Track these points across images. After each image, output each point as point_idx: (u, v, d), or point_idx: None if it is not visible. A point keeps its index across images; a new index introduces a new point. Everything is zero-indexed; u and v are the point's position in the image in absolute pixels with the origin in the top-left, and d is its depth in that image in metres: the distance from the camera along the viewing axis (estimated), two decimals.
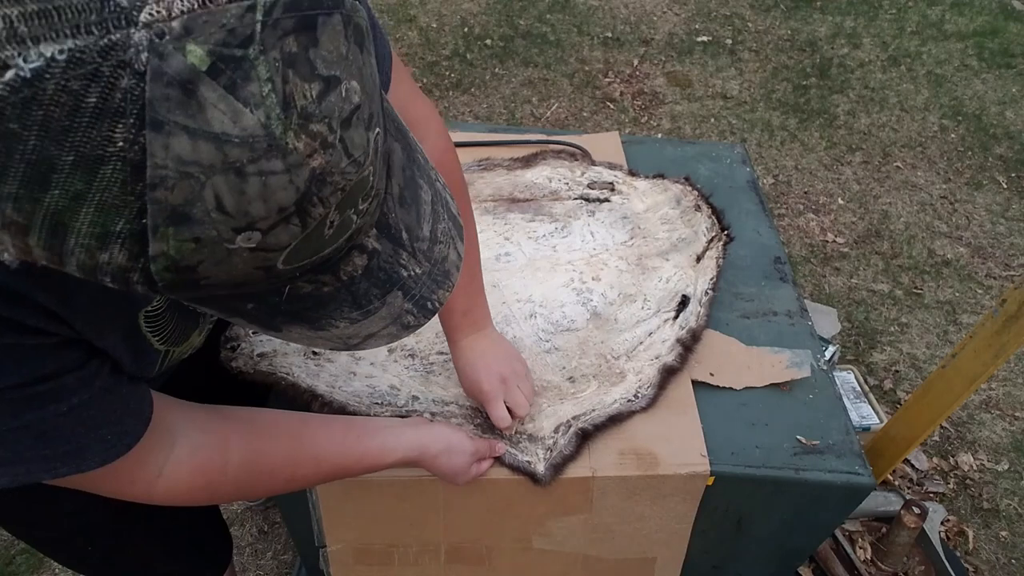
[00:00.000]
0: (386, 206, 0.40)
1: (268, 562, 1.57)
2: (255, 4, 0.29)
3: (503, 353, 0.88)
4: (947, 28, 3.10)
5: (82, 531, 0.82)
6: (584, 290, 1.04)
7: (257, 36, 0.29)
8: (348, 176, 0.34)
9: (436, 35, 3.01)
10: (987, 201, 2.40)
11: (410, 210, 0.42)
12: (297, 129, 0.31)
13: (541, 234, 1.13)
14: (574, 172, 1.23)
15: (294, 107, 0.30)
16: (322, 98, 0.31)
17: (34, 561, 1.53)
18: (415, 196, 0.42)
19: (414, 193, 0.42)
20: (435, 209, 0.44)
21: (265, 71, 0.29)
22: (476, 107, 2.72)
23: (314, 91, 0.31)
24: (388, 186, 0.40)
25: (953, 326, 2.03)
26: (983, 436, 1.80)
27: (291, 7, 0.30)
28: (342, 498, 0.89)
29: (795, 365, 0.99)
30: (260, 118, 0.29)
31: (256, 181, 0.31)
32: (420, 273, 0.43)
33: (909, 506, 1.39)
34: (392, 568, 1.00)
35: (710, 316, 1.01)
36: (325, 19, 0.31)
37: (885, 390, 1.88)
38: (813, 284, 2.13)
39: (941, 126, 2.67)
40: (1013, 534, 1.62)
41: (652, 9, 3.20)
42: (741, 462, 0.88)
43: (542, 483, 0.84)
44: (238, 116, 0.29)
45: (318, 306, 0.40)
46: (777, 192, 2.42)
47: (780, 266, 1.14)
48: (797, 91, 2.81)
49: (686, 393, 0.94)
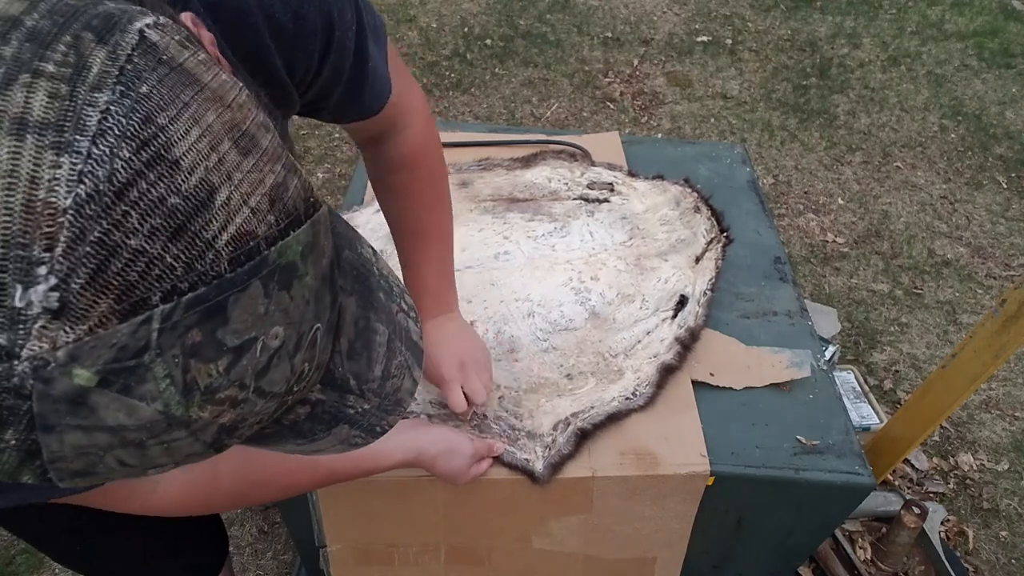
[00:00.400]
0: (332, 363, 0.39)
1: (268, 562, 1.57)
2: (151, 316, 0.27)
3: (466, 340, 0.88)
4: (947, 28, 3.10)
5: (73, 529, 0.83)
6: (583, 290, 1.04)
7: (153, 343, 0.28)
8: (267, 410, 0.34)
9: (436, 35, 3.01)
10: (987, 201, 2.40)
11: (360, 359, 0.41)
12: (202, 403, 0.30)
13: (540, 234, 1.13)
14: (574, 172, 1.23)
15: (197, 389, 0.29)
16: (231, 368, 0.30)
17: (34, 561, 1.53)
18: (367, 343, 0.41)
19: (366, 341, 0.41)
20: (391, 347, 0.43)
21: (163, 370, 0.28)
22: (476, 107, 2.72)
23: (221, 366, 0.30)
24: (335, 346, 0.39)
25: (953, 326, 2.03)
26: (983, 436, 1.80)
27: (195, 303, 0.28)
28: (342, 498, 0.89)
29: (795, 365, 0.99)
30: (158, 407, 0.29)
31: (158, 448, 0.30)
32: (369, 408, 0.43)
33: (909, 506, 1.39)
34: (392, 568, 1.00)
35: (709, 316, 1.01)
36: (238, 296, 0.29)
37: (885, 390, 1.88)
38: (813, 284, 2.13)
39: (941, 126, 2.67)
40: (1013, 534, 1.62)
41: (652, 9, 3.20)
42: (741, 462, 0.88)
43: (540, 481, 0.84)
44: (133, 410, 0.28)
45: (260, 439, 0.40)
46: (777, 192, 2.42)
47: (780, 266, 1.14)
48: (797, 91, 2.81)
49: (686, 393, 0.94)
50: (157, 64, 0.28)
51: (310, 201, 0.34)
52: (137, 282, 0.27)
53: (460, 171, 1.23)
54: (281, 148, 0.33)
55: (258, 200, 0.30)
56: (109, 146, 0.26)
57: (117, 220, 0.26)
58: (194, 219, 0.28)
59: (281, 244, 0.31)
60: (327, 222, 0.36)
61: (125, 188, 0.26)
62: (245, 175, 0.30)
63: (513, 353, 0.96)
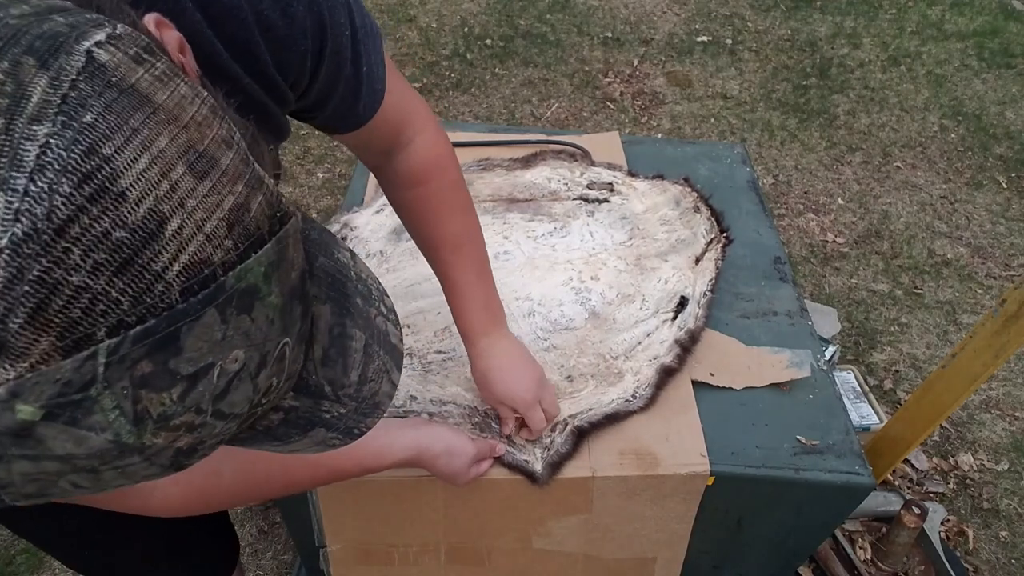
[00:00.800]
0: (305, 371, 0.39)
1: (268, 562, 1.57)
2: (96, 351, 0.26)
3: (527, 354, 0.86)
4: (947, 28, 3.10)
5: (81, 531, 0.82)
6: (583, 289, 1.04)
7: (100, 377, 0.27)
8: (229, 429, 0.33)
9: (436, 35, 3.01)
10: (987, 201, 2.40)
11: (335, 366, 0.41)
12: (155, 431, 0.29)
13: (540, 233, 1.13)
14: (573, 172, 1.23)
15: (149, 418, 0.29)
16: (186, 395, 0.29)
17: (34, 561, 1.53)
18: (342, 350, 0.41)
19: (342, 347, 0.41)
20: (368, 352, 0.43)
21: (111, 402, 0.27)
22: (476, 107, 2.72)
23: (175, 394, 0.29)
24: (308, 354, 0.39)
25: (953, 326, 2.03)
26: (983, 436, 1.80)
27: (143, 336, 0.27)
28: (342, 498, 0.89)
29: (795, 365, 0.99)
30: (108, 437, 0.28)
31: (112, 472, 0.30)
32: (345, 412, 0.42)
33: (909, 506, 1.39)
34: (392, 568, 1.00)
35: (709, 317, 1.01)
36: (191, 326, 0.28)
37: (885, 390, 1.88)
38: (813, 284, 2.13)
39: (941, 126, 2.67)
40: (1013, 534, 1.62)
41: (652, 9, 3.20)
42: (741, 462, 0.88)
43: (540, 482, 0.84)
44: (82, 441, 0.28)
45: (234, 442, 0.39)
46: (777, 192, 2.42)
47: (780, 266, 1.14)
48: (797, 91, 2.81)
49: (686, 393, 0.94)
50: (105, 88, 0.27)
51: (277, 216, 0.32)
52: (80, 318, 0.26)
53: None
54: (244, 164, 0.31)
55: (214, 225, 0.29)
56: (48, 182, 0.25)
57: (57, 257, 0.25)
58: (142, 252, 0.27)
59: (240, 268, 0.30)
60: (297, 233, 0.35)
61: (66, 224, 0.25)
62: (200, 200, 0.28)
63: None
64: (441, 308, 0.98)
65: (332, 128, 0.69)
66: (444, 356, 0.95)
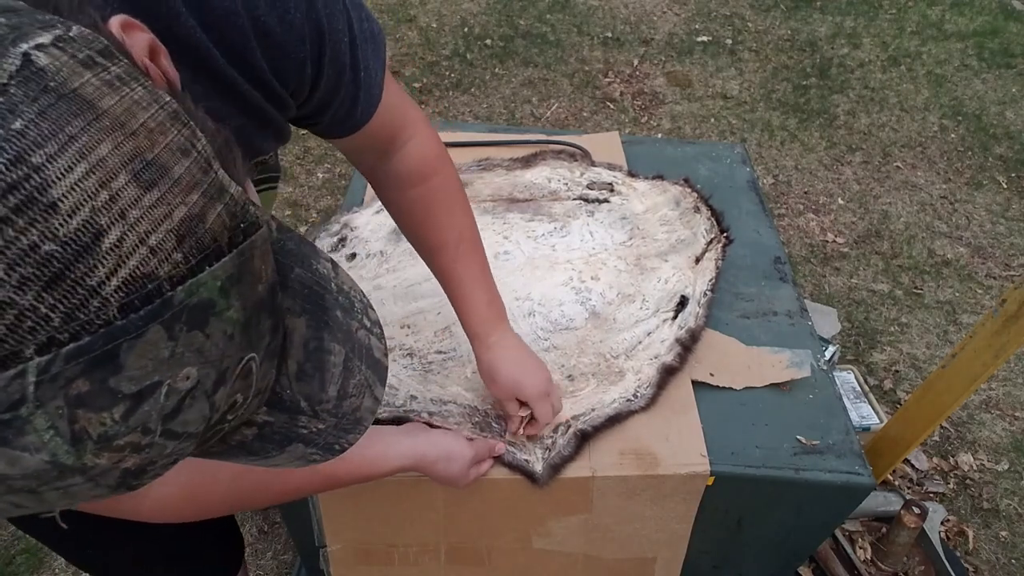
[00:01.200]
0: (279, 385, 0.37)
1: (268, 562, 1.57)
2: (25, 370, 0.25)
3: (530, 352, 0.86)
4: (947, 28, 3.10)
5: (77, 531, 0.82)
6: (583, 289, 1.04)
7: (30, 396, 0.25)
8: (184, 449, 0.31)
9: (436, 35, 3.01)
10: (987, 201, 2.40)
11: (311, 381, 0.39)
12: (96, 451, 0.28)
13: (540, 234, 1.13)
14: (573, 173, 1.23)
15: (88, 438, 0.27)
16: (130, 415, 0.28)
17: (34, 561, 1.53)
18: (319, 364, 0.39)
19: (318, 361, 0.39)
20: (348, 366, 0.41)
21: (44, 422, 0.26)
22: (476, 107, 2.72)
23: (117, 414, 0.27)
24: (281, 369, 0.37)
25: (953, 326, 2.03)
26: (983, 436, 1.80)
27: (77, 354, 0.26)
28: (342, 498, 0.89)
29: (795, 365, 0.99)
30: (44, 457, 0.27)
31: (54, 493, 0.28)
32: (324, 428, 0.41)
33: (909, 506, 1.39)
34: (392, 568, 1.00)
35: (709, 316, 1.01)
36: (132, 343, 0.27)
37: (885, 390, 1.88)
38: (813, 284, 2.13)
39: (941, 126, 2.67)
40: (1013, 534, 1.62)
41: (652, 9, 3.20)
42: (741, 462, 0.88)
43: (540, 483, 0.84)
44: (15, 461, 0.26)
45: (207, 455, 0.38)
46: (777, 192, 2.42)
47: (780, 266, 1.14)
48: (797, 91, 2.81)
49: (686, 393, 0.94)
50: (40, 93, 0.25)
51: (240, 227, 0.31)
52: (6, 335, 0.24)
53: (460, 171, 1.22)
54: (202, 173, 0.30)
55: (160, 238, 0.27)
56: None
57: None
58: (74, 266, 0.25)
59: (192, 282, 0.28)
60: (266, 244, 0.33)
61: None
62: (145, 211, 0.27)
63: None
64: (441, 308, 0.98)
65: (330, 134, 0.69)
66: (444, 356, 0.95)
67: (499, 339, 0.83)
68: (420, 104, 2.70)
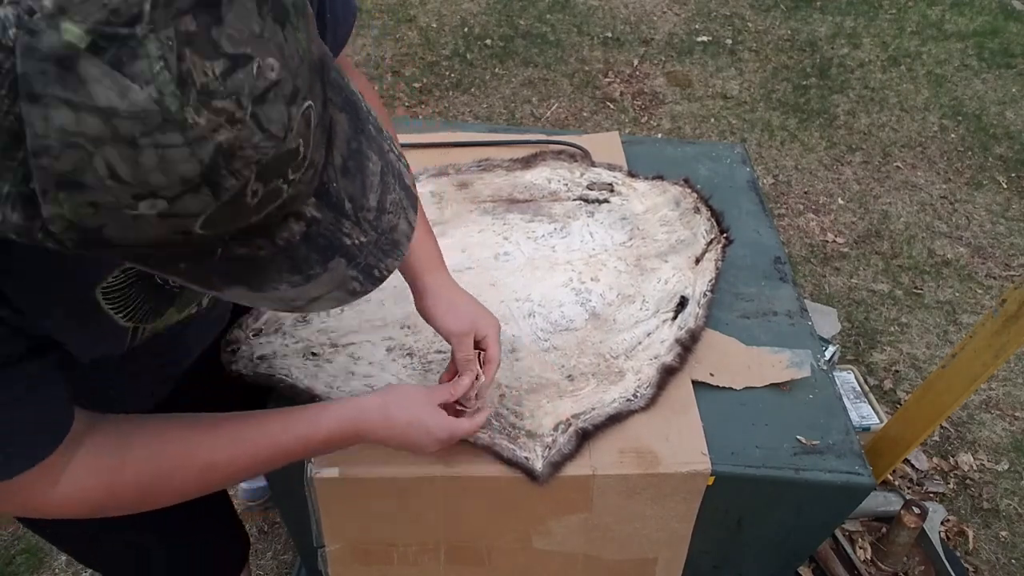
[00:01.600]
0: (326, 176, 0.39)
1: (268, 562, 1.57)
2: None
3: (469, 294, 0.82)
4: (947, 28, 3.10)
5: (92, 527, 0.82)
6: (583, 290, 1.04)
7: (146, 15, 0.27)
8: (264, 150, 0.33)
9: (436, 35, 3.01)
10: (987, 201, 2.40)
11: (354, 180, 0.41)
12: (197, 105, 0.29)
13: (540, 234, 1.13)
14: (573, 173, 1.23)
15: (192, 84, 0.29)
16: (228, 76, 0.30)
17: (34, 561, 1.53)
18: (360, 166, 0.41)
19: (360, 163, 0.41)
20: (384, 180, 0.43)
21: (156, 49, 0.28)
22: (476, 107, 2.72)
23: (217, 69, 0.30)
24: (329, 157, 0.39)
25: (953, 326, 2.03)
26: (983, 436, 1.80)
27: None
28: (342, 498, 0.89)
29: (795, 365, 0.99)
30: (151, 94, 0.28)
31: (152, 153, 0.30)
32: (365, 242, 0.42)
33: (909, 506, 1.39)
34: (392, 568, 1.00)
35: (709, 317, 1.01)
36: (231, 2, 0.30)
37: (885, 390, 1.88)
38: (813, 284, 2.13)
39: (941, 126, 2.67)
40: (1013, 534, 1.62)
41: (652, 9, 3.20)
42: (741, 462, 0.88)
43: (539, 480, 0.84)
44: (126, 91, 0.28)
45: (255, 269, 0.39)
46: (777, 192, 2.42)
47: (780, 266, 1.14)
48: (797, 91, 2.81)
49: (686, 393, 0.94)
50: None
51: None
52: None
53: (460, 171, 1.23)
54: None
55: None
56: None
57: None
58: None
59: None
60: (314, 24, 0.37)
61: None
62: None
63: (514, 353, 0.96)
64: None
65: None
66: (444, 356, 0.95)
67: (449, 278, 0.81)
68: (420, 104, 2.70)
